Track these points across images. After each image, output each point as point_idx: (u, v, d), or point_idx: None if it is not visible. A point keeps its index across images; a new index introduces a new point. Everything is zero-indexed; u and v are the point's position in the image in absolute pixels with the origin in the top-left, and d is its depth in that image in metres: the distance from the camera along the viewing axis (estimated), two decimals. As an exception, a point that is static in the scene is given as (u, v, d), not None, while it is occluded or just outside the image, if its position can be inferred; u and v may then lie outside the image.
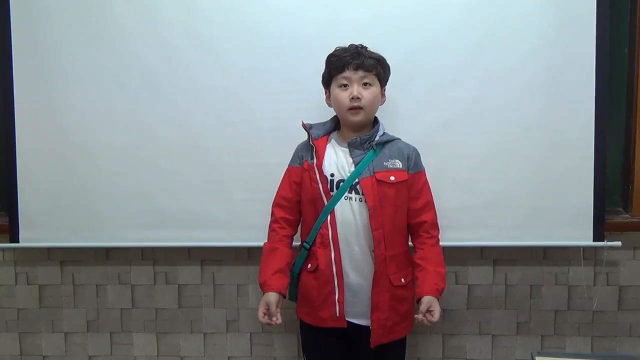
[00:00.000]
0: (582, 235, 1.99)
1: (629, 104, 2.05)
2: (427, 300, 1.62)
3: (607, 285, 2.12)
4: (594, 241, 1.99)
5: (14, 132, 2.06)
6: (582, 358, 1.52)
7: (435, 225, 1.77)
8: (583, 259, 2.09)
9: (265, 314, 1.64)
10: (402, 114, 1.96)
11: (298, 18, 1.96)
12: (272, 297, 1.64)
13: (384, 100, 1.76)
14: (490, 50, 1.94)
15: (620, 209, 2.11)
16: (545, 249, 2.11)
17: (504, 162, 1.98)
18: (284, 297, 1.69)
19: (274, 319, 1.63)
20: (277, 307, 1.64)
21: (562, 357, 1.49)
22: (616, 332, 2.14)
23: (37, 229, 2.09)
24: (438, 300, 1.64)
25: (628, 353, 2.10)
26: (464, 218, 2.00)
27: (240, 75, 1.99)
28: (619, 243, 2.00)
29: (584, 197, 1.97)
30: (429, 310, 1.61)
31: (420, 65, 1.96)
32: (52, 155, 2.07)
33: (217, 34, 1.98)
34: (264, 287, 1.68)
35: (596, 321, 2.13)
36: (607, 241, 1.99)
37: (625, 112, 2.07)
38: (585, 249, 2.07)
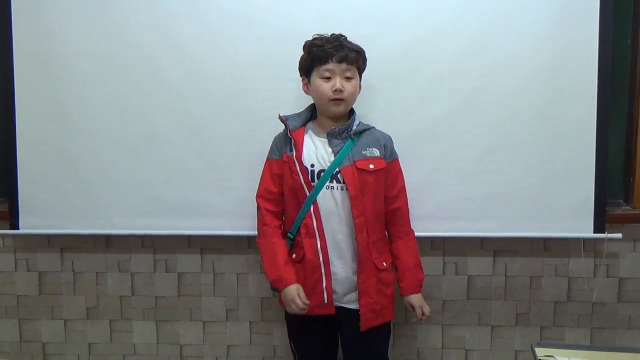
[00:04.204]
0: (582, 227, 1.99)
1: (631, 96, 2.05)
2: (407, 300, 1.79)
3: (607, 277, 2.12)
4: (594, 233, 1.99)
5: (15, 119, 2.06)
6: (581, 349, 1.51)
7: (408, 212, 1.82)
8: (583, 250, 2.08)
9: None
10: (403, 105, 1.96)
11: (300, 6, 1.96)
12: (299, 287, 1.69)
13: (360, 91, 1.78)
14: (491, 42, 1.94)
15: (621, 200, 2.10)
16: (546, 241, 2.10)
17: (505, 154, 1.98)
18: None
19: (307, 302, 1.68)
20: None
21: (561, 348, 1.48)
22: (615, 324, 2.14)
23: (37, 215, 2.10)
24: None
25: (627, 345, 2.10)
26: (464, 209, 2.01)
27: (242, 63, 1.99)
28: (619, 235, 2.00)
29: (585, 189, 1.97)
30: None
31: (421, 56, 1.95)
32: (53, 143, 2.07)
33: (219, 22, 1.98)
34: (280, 283, 1.70)
35: (596, 313, 2.14)
36: (608, 233, 1.99)
37: (627, 104, 2.06)
38: (585, 240, 2.07)
